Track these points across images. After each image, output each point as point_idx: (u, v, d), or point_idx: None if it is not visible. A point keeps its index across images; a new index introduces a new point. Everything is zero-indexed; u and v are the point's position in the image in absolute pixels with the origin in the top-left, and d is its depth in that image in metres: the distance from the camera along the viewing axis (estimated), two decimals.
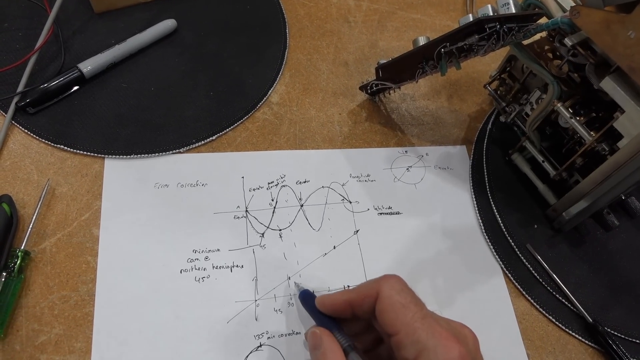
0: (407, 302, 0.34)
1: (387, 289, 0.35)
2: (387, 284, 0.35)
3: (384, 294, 0.35)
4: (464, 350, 0.32)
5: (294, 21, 0.63)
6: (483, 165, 0.56)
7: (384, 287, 0.35)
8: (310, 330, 0.38)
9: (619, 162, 0.44)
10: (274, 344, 0.43)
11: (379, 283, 0.35)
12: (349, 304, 0.37)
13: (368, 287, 0.36)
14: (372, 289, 0.35)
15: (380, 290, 0.35)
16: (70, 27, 0.56)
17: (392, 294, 0.34)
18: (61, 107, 0.51)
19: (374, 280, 0.36)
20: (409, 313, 0.33)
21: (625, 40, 0.39)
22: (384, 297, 0.34)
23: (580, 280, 0.51)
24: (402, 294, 0.34)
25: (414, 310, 0.33)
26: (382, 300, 0.34)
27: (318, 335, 0.37)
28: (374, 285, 0.36)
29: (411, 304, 0.34)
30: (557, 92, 0.47)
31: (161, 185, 0.49)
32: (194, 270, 0.45)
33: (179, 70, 0.56)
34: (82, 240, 0.45)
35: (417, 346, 0.32)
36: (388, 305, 0.34)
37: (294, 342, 0.44)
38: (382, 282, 0.35)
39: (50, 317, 0.42)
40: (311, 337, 0.37)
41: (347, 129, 0.56)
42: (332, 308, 0.38)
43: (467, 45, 0.47)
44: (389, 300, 0.34)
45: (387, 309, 0.34)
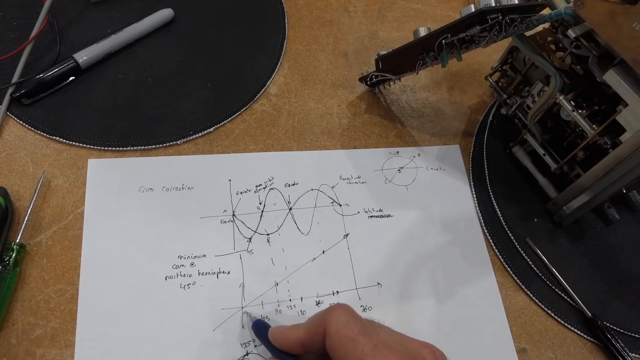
0: (354, 334, 0.33)
1: (333, 324, 0.33)
2: (333, 318, 0.34)
3: (330, 329, 0.33)
4: None
5: (293, 11, 0.62)
6: (483, 158, 0.56)
7: (330, 322, 0.34)
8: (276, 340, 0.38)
9: (621, 156, 0.43)
10: (261, 352, 0.42)
11: (324, 318, 0.34)
12: (299, 344, 0.36)
13: (314, 323, 0.35)
14: (319, 325, 0.34)
15: (327, 326, 0.34)
16: (66, 17, 0.55)
17: (339, 328, 0.33)
18: (57, 98, 0.51)
19: (320, 315, 0.35)
20: (358, 347, 0.32)
21: (629, 32, 0.38)
22: (331, 332, 0.33)
23: (580, 274, 0.51)
24: (349, 326, 0.33)
25: (364, 342, 0.32)
26: (330, 336, 0.33)
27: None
28: (320, 321, 0.34)
29: (359, 336, 0.32)
30: (560, 85, 0.47)
31: (146, 189, 0.48)
32: (179, 277, 0.44)
33: (176, 60, 0.55)
34: (78, 233, 0.45)
35: None
36: (336, 340, 0.33)
37: None
38: (327, 316, 0.34)
39: (46, 310, 0.41)
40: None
41: (347, 121, 0.56)
42: (283, 346, 0.37)
43: (468, 36, 0.46)
44: (336, 335, 0.33)
45: (336, 345, 0.33)
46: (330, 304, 0.45)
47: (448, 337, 0.46)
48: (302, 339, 0.35)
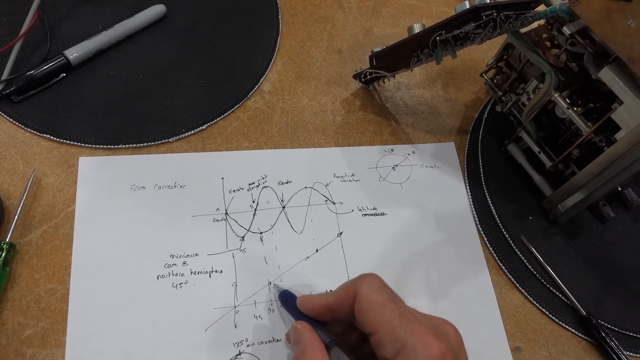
0: (384, 300, 0.33)
1: (364, 289, 0.34)
2: (364, 284, 0.34)
3: (361, 294, 0.34)
4: (445, 347, 0.31)
5: (287, 7, 0.62)
6: (478, 155, 0.55)
7: (361, 287, 0.34)
8: (293, 324, 0.38)
9: (616, 154, 0.43)
10: (254, 352, 0.42)
11: (355, 284, 0.35)
12: (328, 309, 0.36)
13: (346, 289, 0.35)
14: (350, 290, 0.35)
15: (358, 291, 0.34)
16: (57, 13, 0.55)
17: (369, 292, 0.34)
18: (47, 96, 0.50)
19: (352, 281, 0.35)
20: (386, 311, 0.33)
21: (625, 29, 0.38)
22: (361, 297, 0.34)
23: (574, 272, 0.51)
24: (379, 292, 0.34)
25: (392, 308, 0.33)
26: (360, 300, 0.34)
27: (300, 330, 0.36)
28: (351, 286, 0.35)
29: (388, 302, 0.33)
30: (555, 82, 0.46)
31: (137, 187, 0.47)
32: (171, 276, 0.44)
33: (168, 57, 0.55)
34: (68, 232, 0.44)
35: (396, 344, 0.31)
36: (365, 304, 0.33)
37: (274, 350, 0.43)
38: (359, 282, 0.35)
39: (37, 310, 0.41)
40: (293, 332, 0.37)
41: (341, 118, 0.55)
42: (312, 311, 0.38)
43: (463, 33, 0.46)
44: (366, 299, 0.34)
45: (365, 308, 0.33)
46: None
47: None
48: (332, 304, 0.36)
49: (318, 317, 0.38)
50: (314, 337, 0.36)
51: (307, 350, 0.35)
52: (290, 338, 0.38)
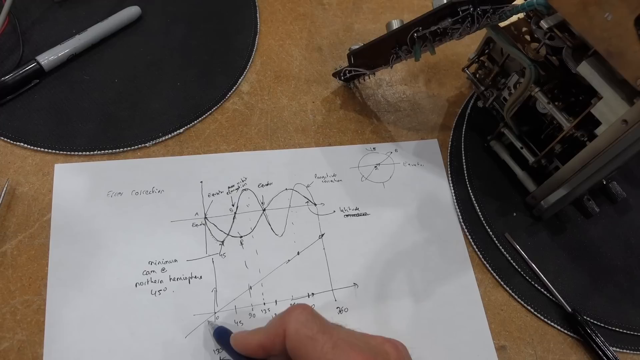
0: (313, 333, 0.33)
1: (292, 324, 0.33)
2: (292, 318, 0.34)
3: (289, 330, 0.33)
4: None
5: (265, 5, 0.61)
6: (461, 152, 0.55)
7: (289, 322, 0.33)
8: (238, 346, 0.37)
9: (597, 149, 0.42)
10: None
11: (283, 319, 0.34)
12: (261, 347, 0.35)
13: (275, 325, 0.35)
14: (279, 327, 0.34)
15: (286, 327, 0.33)
16: (29, 17, 0.54)
17: (298, 327, 0.33)
18: (20, 103, 0.49)
19: (280, 317, 0.35)
20: (317, 346, 0.32)
21: (602, 22, 0.37)
22: (290, 333, 0.33)
23: (559, 268, 0.50)
24: (308, 325, 0.33)
25: (323, 341, 0.32)
26: (289, 336, 0.33)
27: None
28: (279, 322, 0.34)
29: (319, 334, 0.32)
30: (535, 76, 0.45)
31: (114, 193, 0.47)
32: (149, 283, 0.44)
33: (144, 60, 0.54)
34: (44, 242, 0.44)
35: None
36: (296, 341, 0.33)
37: None
38: (287, 317, 0.34)
39: (13, 322, 0.40)
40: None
41: (321, 117, 0.54)
42: (246, 351, 0.37)
43: (440, 29, 0.45)
44: (295, 335, 0.33)
45: (296, 345, 0.33)
46: None
47: (426, 337, 0.45)
48: (263, 342, 0.35)
49: (253, 355, 0.37)
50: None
51: None
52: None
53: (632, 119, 0.38)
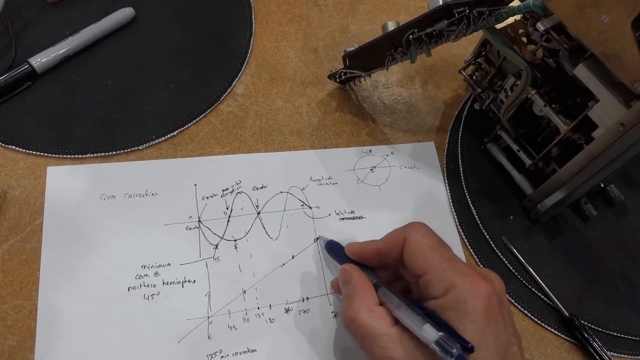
0: (433, 244, 0.35)
1: (414, 234, 0.36)
2: (414, 230, 0.36)
3: (411, 238, 0.36)
4: (491, 288, 0.33)
5: (261, 6, 0.60)
6: (458, 154, 0.54)
7: (411, 233, 0.36)
8: (341, 267, 0.40)
9: (594, 152, 0.42)
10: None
11: (405, 230, 0.37)
12: (377, 253, 0.38)
13: (395, 235, 0.37)
14: (400, 236, 0.37)
15: (408, 236, 0.36)
16: (22, 19, 0.53)
17: (419, 237, 0.36)
18: (12, 105, 0.49)
19: (401, 229, 0.37)
20: (436, 254, 0.35)
21: (599, 25, 0.37)
22: (411, 241, 0.36)
23: (557, 272, 0.50)
24: (428, 237, 0.36)
25: (441, 252, 0.35)
26: (410, 244, 0.36)
27: (349, 271, 0.38)
28: (401, 232, 0.37)
29: (437, 246, 0.35)
30: (531, 79, 0.45)
31: (107, 196, 0.46)
32: (142, 288, 0.43)
33: (137, 61, 0.53)
34: (35, 246, 0.43)
35: (445, 284, 0.33)
36: (416, 248, 0.35)
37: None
38: (409, 228, 0.37)
39: (3, 328, 0.40)
40: (342, 274, 0.39)
41: (316, 120, 0.54)
42: (360, 255, 0.40)
43: (436, 31, 0.45)
44: (416, 243, 0.35)
45: (415, 252, 0.35)
46: (300, 311, 0.44)
47: None
48: (381, 248, 0.38)
49: (365, 262, 0.40)
50: (363, 276, 0.38)
51: (358, 287, 0.37)
52: (340, 279, 0.39)
53: (629, 122, 0.38)
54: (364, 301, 0.36)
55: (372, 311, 0.35)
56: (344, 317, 0.36)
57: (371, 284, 0.37)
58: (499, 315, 0.33)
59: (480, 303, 0.32)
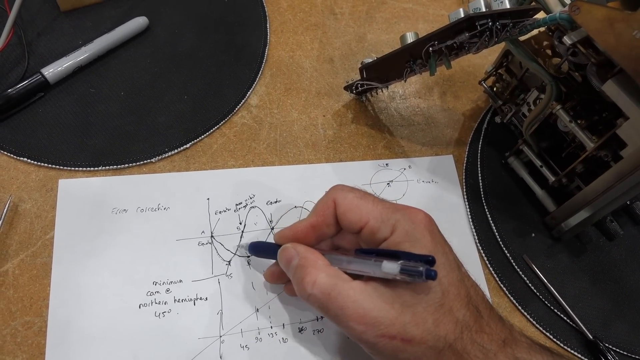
0: (362, 195, 0.37)
1: (340, 193, 0.37)
2: (338, 190, 0.38)
3: (339, 198, 0.37)
4: (427, 215, 0.36)
5: (276, 15, 0.59)
6: (478, 169, 0.53)
7: (337, 193, 0.37)
8: (280, 249, 0.38)
9: (622, 171, 0.40)
10: None
11: (330, 194, 0.38)
12: (311, 227, 0.38)
13: (322, 203, 0.38)
14: (327, 201, 0.37)
15: (336, 198, 0.37)
16: (35, 28, 0.53)
17: (346, 194, 0.37)
18: (24, 116, 0.48)
19: (325, 196, 0.38)
20: (368, 203, 0.36)
21: (630, 41, 0.35)
22: (341, 200, 0.37)
23: (580, 292, 0.48)
24: (355, 191, 0.37)
25: (372, 199, 0.36)
26: (341, 204, 0.37)
27: (289, 248, 0.37)
28: (327, 198, 0.38)
29: (366, 195, 0.37)
30: (556, 93, 0.43)
31: (119, 210, 0.45)
32: (154, 305, 0.42)
33: (151, 72, 0.52)
34: (47, 261, 0.42)
35: (389, 222, 0.35)
36: (348, 204, 0.36)
37: None
38: (333, 191, 0.38)
39: (13, 345, 0.39)
40: (282, 253, 0.38)
41: (332, 132, 0.53)
42: (295, 237, 0.39)
43: (457, 43, 0.43)
44: (346, 200, 0.37)
45: (349, 207, 0.36)
46: (314, 331, 0.43)
47: None
48: (313, 222, 0.38)
49: (301, 242, 0.39)
50: (307, 247, 0.37)
51: (307, 255, 0.36)
52: (281, 260, 0.38)
53: None
54: (318, 263, 0.35)
55: (330, 271, 0.35)
56: (302, 287, 0.35)
57: (318, 251, 0.37)
58: (442, 237, 0.36)
59: (425, 228, 0.35)
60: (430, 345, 0.32)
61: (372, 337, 0.33)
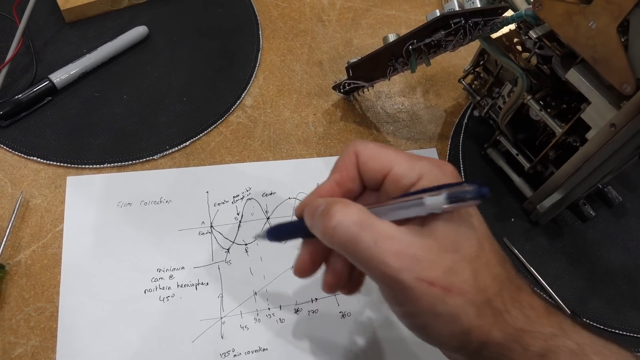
0: (383, 145, 0.34)
1: (361, 144, 0.34)
2: (357, 143, 0.35)
3: (360, 148, 0.34)
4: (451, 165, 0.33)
5: (267, 22, 0.63)
6: (459, 160, 0.56)
7: (358, 145, 0.35)
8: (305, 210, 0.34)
9: (588, 153, 0.44)
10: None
11: (350, 147, 0.35)
12: (337, 185, 0.35)
13: (343, 157, 0.35)
14: (348, 154, 0.35)
15: (356, 149, 0.34)
16: (42, 38, 0.56)
17: (367, 144, 0.34)
18: (34, 119, 0.51)
19: (344, 151, 0.35)
20: (390, 150, 0.34)
21: (587, 31, 0.39)
22: (361, 150, 0.34)
23: (558, 272, 0.51)
24: (375, 143, 0.35)
25: (393, 148, 0.34)
26: (362, 154, 0.34)
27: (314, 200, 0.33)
28: (347, 152, 0.35)
29: (387, 146, 0.34)
30: (527, 85, 0.47)
31: (124, 203, 0.48)
32: (158, 290, 0.45)
33: (151, 76, 0.56)
34: (57, 252, 0.45)
35: (415, 168, 0.32)
36: (370, 152, 0.34)
37: (261, 359, 0.43)
38: (352, 144, 0.35)
39: (27, 329, 0.42)
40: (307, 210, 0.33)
41: (322, 129, 0.56)
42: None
43: (434, 41, 0.47)
44: (366, 150, 0.34)
45: (371, 155, 0.34)
46: (309, 312, 0.46)
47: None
48: (337, 178, 0.35)
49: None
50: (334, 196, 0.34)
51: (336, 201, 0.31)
52: (307, 217, 0.33)
53: (620, 122, 0.40)
54: (350, 204, 0.31)
55: (361, 207, 0.31)
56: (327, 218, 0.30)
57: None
58: None
59: (454, 177, 0.32)
60: (470, 298, 0.29)
61: (410, 278, 0.28)
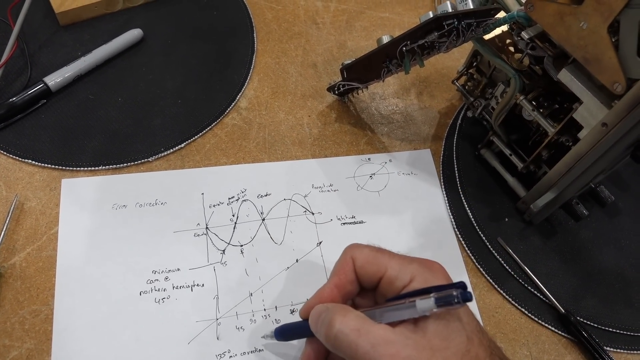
0: (376, 248, 0.38)
1: (357, 250, 0.38)
2: (354, 248, 0.39)
3: (356, 253, 0.38)
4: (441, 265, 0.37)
5: (262, 25, 0.63)
6: (453, 161, 0.56)
7: (354, 250, 0.38)
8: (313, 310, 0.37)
9: (580, 152, 0.44)
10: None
11: (346, 253, 0.39)
12: (336, 288, 0.38)
13: (341, 262, 0.39)
14: (345, 260, 0.38)
15: (352, 254, 0.38)
16: (37, 41, 0.56)
17: (362, 249, 0.38)
18: (28, 122, 0.51)
19: (341, 256, 0.39)
20: (384, 254, 0.37)
21: (578, 31, 0.39)
22: (358, 256, 0.38)
23: (551, 271, 0.51)
24: (370, 247, 0.38)
25: (387, 252, 0.38)
26: (359, 258, 0.38)
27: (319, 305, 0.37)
28: (344, 257, 0.39)
29: (381, 249, 0.38)
30: (519, 86, 0.47)
31: (119, 205, 0.48)
32: (153, 292, 0.45)
33: (146, 79, 0.56)
34: (51, 254, 0.45)
35: (408, 270, 0.35)
36: (365, 257, 0.38)
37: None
38: (349, 251, 0.39)
39: (21, 332, 0.42)
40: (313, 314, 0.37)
41: (317, 130, 0.56)
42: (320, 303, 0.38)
43: (428, 42, 0.47)
44: (363, 255, 0.38)
45: (367, 260, 0.37)
46: None
47: None
48: (335, 282, 0.38)
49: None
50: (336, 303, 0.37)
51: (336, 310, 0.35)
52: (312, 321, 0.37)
53: (611, 121, 0.40)
54: (347, 308, 0.35)
55: (358, 313, 0.35)
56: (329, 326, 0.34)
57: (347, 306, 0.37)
58: None
59: (443, 277, 0.36)
60: None
61: None
